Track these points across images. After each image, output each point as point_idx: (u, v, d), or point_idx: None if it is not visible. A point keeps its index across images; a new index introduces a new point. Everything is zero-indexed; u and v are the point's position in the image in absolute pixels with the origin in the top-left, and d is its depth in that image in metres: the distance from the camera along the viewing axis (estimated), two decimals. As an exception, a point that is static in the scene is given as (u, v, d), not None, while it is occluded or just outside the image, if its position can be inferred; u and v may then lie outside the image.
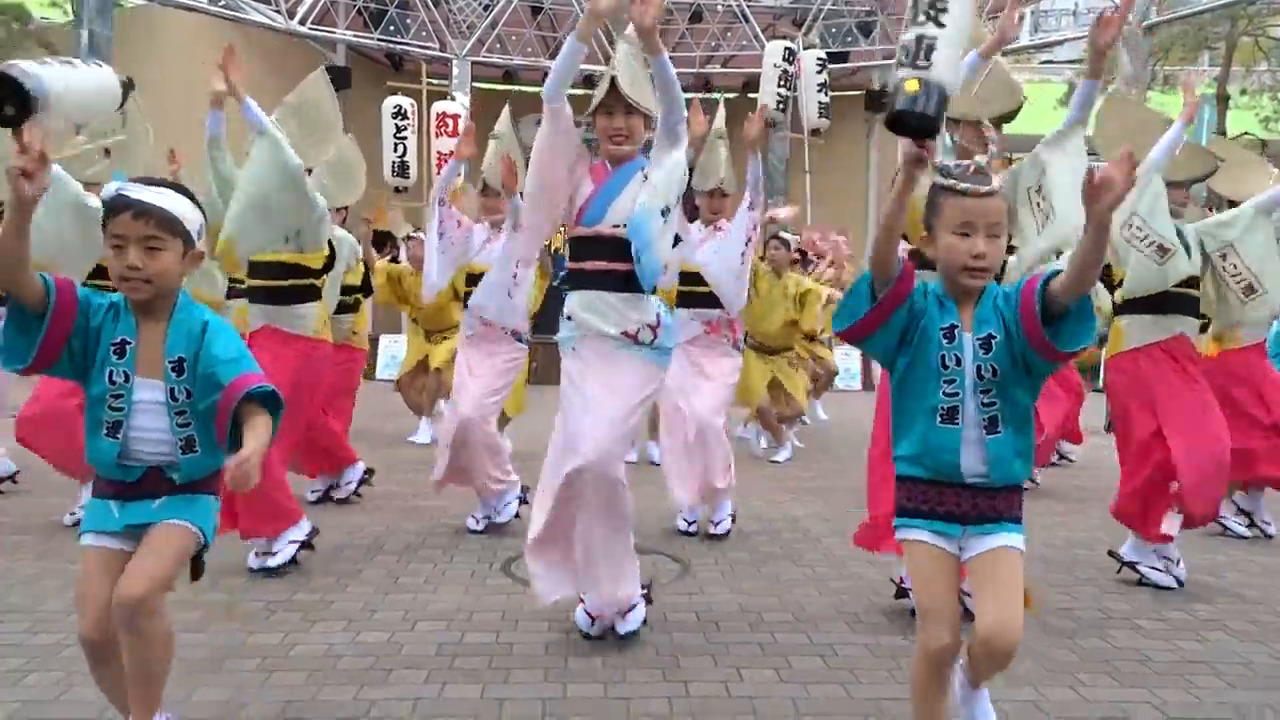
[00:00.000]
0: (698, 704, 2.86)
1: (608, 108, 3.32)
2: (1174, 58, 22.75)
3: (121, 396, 2.21)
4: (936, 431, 2.20)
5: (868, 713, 2.81)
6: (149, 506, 2.25)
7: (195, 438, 2.25)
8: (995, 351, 2.18)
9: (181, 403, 2.23)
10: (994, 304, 2.22)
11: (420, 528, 5.12)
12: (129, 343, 2.21)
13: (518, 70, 19.39)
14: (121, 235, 2.17)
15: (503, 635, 3.43)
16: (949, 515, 2.22)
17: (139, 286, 2.19)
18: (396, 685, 2.95)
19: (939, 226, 2.23)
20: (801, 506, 5.94)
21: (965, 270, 2.19)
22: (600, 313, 3.28)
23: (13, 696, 2.78)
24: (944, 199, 2.22)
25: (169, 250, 2.21)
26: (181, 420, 2.23)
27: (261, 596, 3.80)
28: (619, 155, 3.37)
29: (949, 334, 2.20)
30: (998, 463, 2.20)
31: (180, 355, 2.23)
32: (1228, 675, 3.20)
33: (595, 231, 3.32)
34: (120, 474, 2.24)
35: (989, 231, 2.18)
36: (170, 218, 2.20)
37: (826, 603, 3.91)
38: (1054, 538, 5.18)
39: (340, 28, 17.92)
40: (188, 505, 2.28)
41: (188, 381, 2.23)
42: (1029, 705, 2.88)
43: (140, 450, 2.23)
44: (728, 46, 19.74)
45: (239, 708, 2.75)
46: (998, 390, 2.19)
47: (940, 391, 2.20)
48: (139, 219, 2.17)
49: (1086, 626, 3.67)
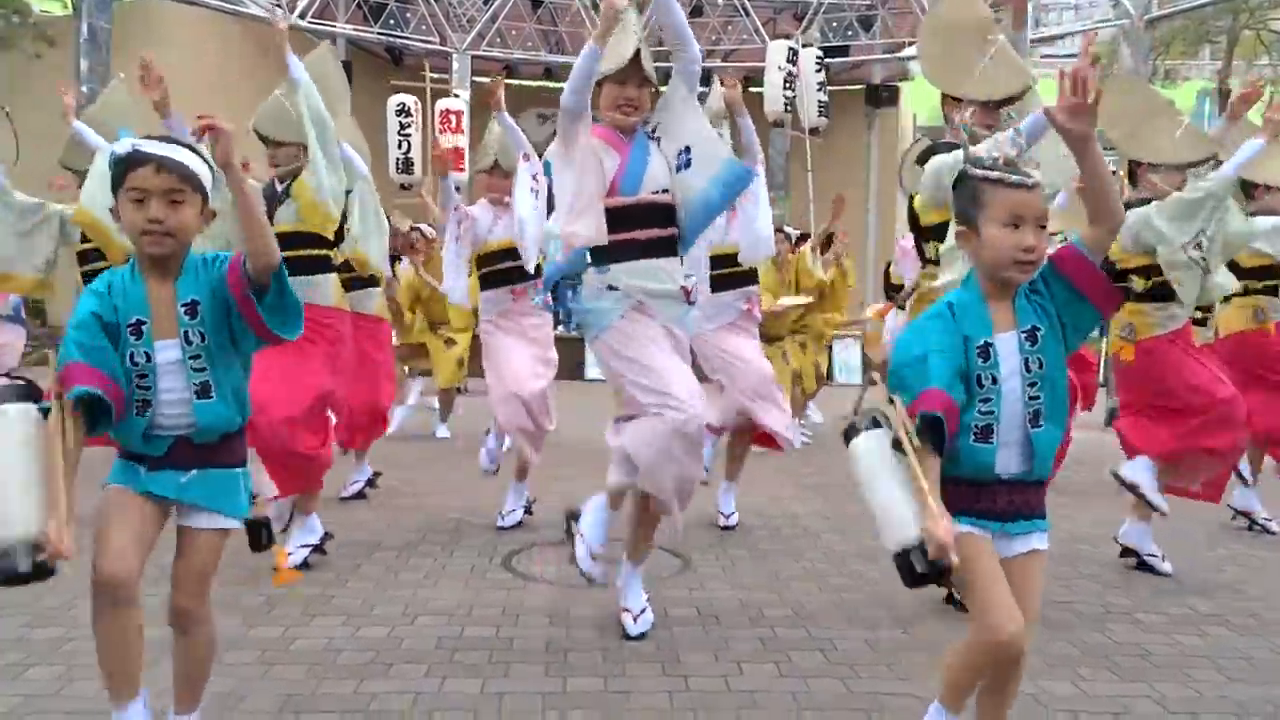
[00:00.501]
0: (698, 698, 2.86)
1: (623, 77, 3.29)
2: (1175, 52, 22.71)
3: (146, 376, 2.20)
4: (970, 449, 2.15)
5: (867, 707, 2.82)
6: (177, 480, 2.24)
7: (210, 383, 2.24)
8: (1041, 343, 2.15)
9: (196, 346, 2.23)
10: (1025, 295, 2.18)
11: (421, 523, 5.12)
12: (144, 322, 2.21)
13: (518, 64, 19.37)
14: (142, 189, 2.17)
15: (503, 630, 3.43)
16: (985, 512, 2.18)
17: (161, 240, 2.18)
18: (396, 679, 2.95)
19: (983, 219, 2.16)
20: (801, 503, 5.94)
21: (1015, 264, 2.13)
22: (654, 276, 3.29)
23: (13, 690, 2.79)
24: (988, 191, 2.15)
25: (189, 205, 2.21)
26: (196, 365, 2.23)
27: (262, 590, 3.80)
28: (627, 125, 3.35)
29: (984, 352, 2.14)
30: (1040, 459, 2.17)
31: (192, 298, 2.23)
32: (1228, 670, 3.20)
33: (636, 200, 3.30)
34: (147, 448, 2.23)
35: (1038, 223, 2.13)
36: (191, 172, 2.21)
37: (826, 598, 3.91)
38: (1055, 531, 5.08)
39: (340, 22, 17.89)
40: (215, 488, 2.28)
41: (201, 324, 2.23)
42: (1029, 699, 2.88)
43: (164, 418, 2.22)
44: (728, 41, 19.71)
45: (239, 700, 2.76)
46: (1043, 382, 2.15)
47: (975, 410, 2.14)
48: (161, 172, 2.17)
49: (1087, 621, 3.68)
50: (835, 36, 18.49)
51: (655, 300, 3.28)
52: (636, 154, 3.33)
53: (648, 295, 3.27)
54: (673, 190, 3.36)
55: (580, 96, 3.22)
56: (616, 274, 3.29)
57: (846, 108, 18.54)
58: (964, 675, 2.23)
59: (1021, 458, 2.17)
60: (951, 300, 2.21)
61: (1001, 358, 2.15)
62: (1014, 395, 2.15)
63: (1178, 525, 4.63)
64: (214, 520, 2.29)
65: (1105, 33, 16.49)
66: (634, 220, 3.30)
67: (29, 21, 14.73)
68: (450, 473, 6.70)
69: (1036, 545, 2.21)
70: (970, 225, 2.20)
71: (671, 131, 3.38)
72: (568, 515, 3.57)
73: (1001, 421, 2.15)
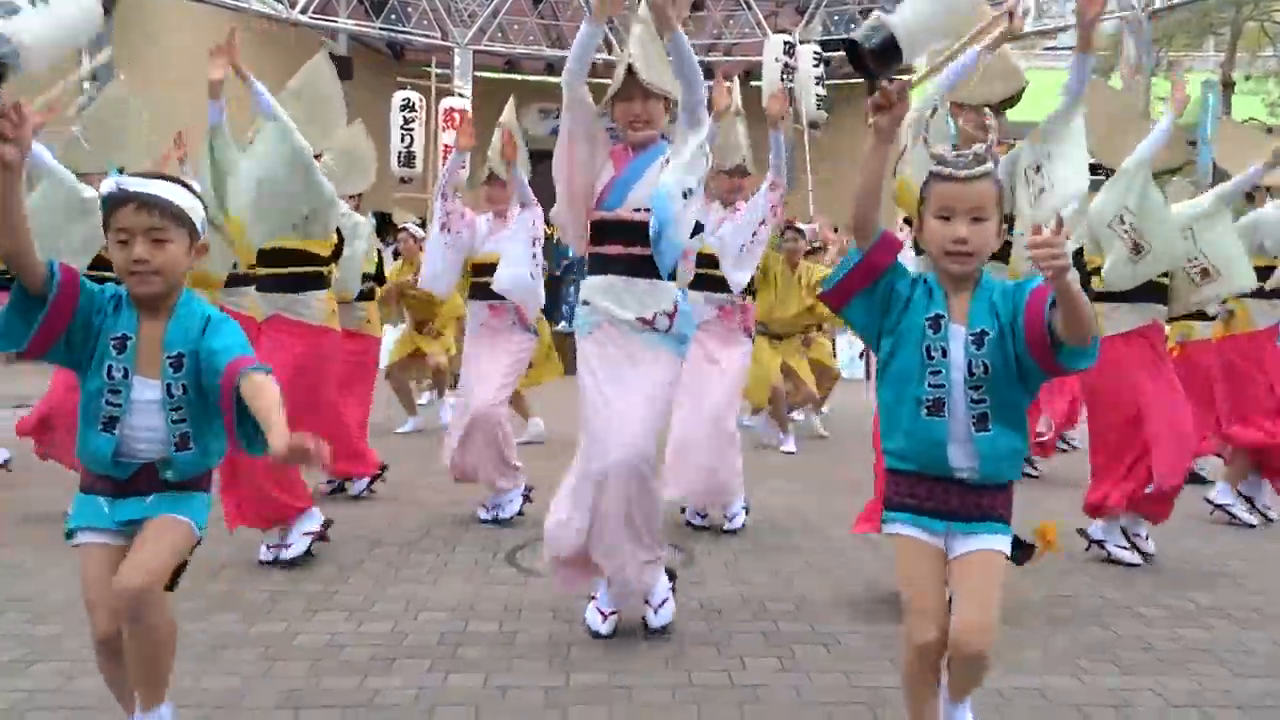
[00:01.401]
0: (700, 693, 2.86)
1: (626, 94, 3.27)
2: (1178, 44, 22.61)
3: (120, 393, 2.17)
4: (922, 424, 2.16)
5: (869, 701, 2.82)
6: (141, 503, 2.22)
7: (190, 434, 2.21)
8: (987, 348, 2.13)
9: (178, 399, 2.19)
10: (989, 300, 2.17)
11: (423, 518, 5.13)
12: (129, 338, 2.17)
13: (520, 59, 19.34)
14: (126, 228, 2.13)
15: (506, 625, 3.43)
16: (935, 511, 2.19)
17: (147, 279, 2.15)
18: (400, 674, 2.95)
19: (925, 210, 2.23)
20: (804, 497, 5.94)
21: (946, 255, 2.17)
22: (618, 298, 3.24)
23: (16, 686, 2.79)
24: (930, 184, 2.21)
25: (175, 242, 2.17)
26: (177, 416, 2.20)
27: (264, 586, 3.81)
28: (640, 141, 3.33)
29: (934, 324, 2.16)
30: (986, 459, 2.16)
31: (179, 351, 2.19)
32: (1230, 663, 3.19)
33: (616, 215, 3.28)
34: (114, 471, 2.21)
35: (971, 215, 2.15)
36: (175, 209, 2.17)
37: (829, 593, 3.91)
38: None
39: (341, 17, 17.88)
40: (181, 502, 2.25)
41: (185, 377, 2.19)
42: (1032, 693, 2.88)
43: (135, 448, 2.20)
44: (729, 35, 19.67)
45: (241, 696, 2.76)
46: (988, 387, 2.14)
47: (925, 383, 2.16)
48: (143, 211, 2.13)
49: (1088, 614, 3.67)
50: (838, 30, 18.44)
51: (616, 325, 3.24)
52: (633, 169, 3.30)
53: (608, 316, 3.25)
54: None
55: (574, 72, 3.19)
56: (590, 286, 3.31)
57: (848, 102, 18.48)
58: (907, 677, 2.28)
59: (970, 457, 2.16)
60: (924, 275, 2.26)
61: (951, 343, 2.16)
62: (959, 387, 2.15)
63: (1178, 519, 4.62)
64: (179, 515, 2.23)
65: (1108, 25, 16.45)
66: (609, 235, 3.29)
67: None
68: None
69: (989, 545, 2.18)
70: (921, 218, 2.27)
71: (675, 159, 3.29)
72: None
73: (951, 406, 2.15)
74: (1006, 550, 2.21)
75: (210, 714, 2.64)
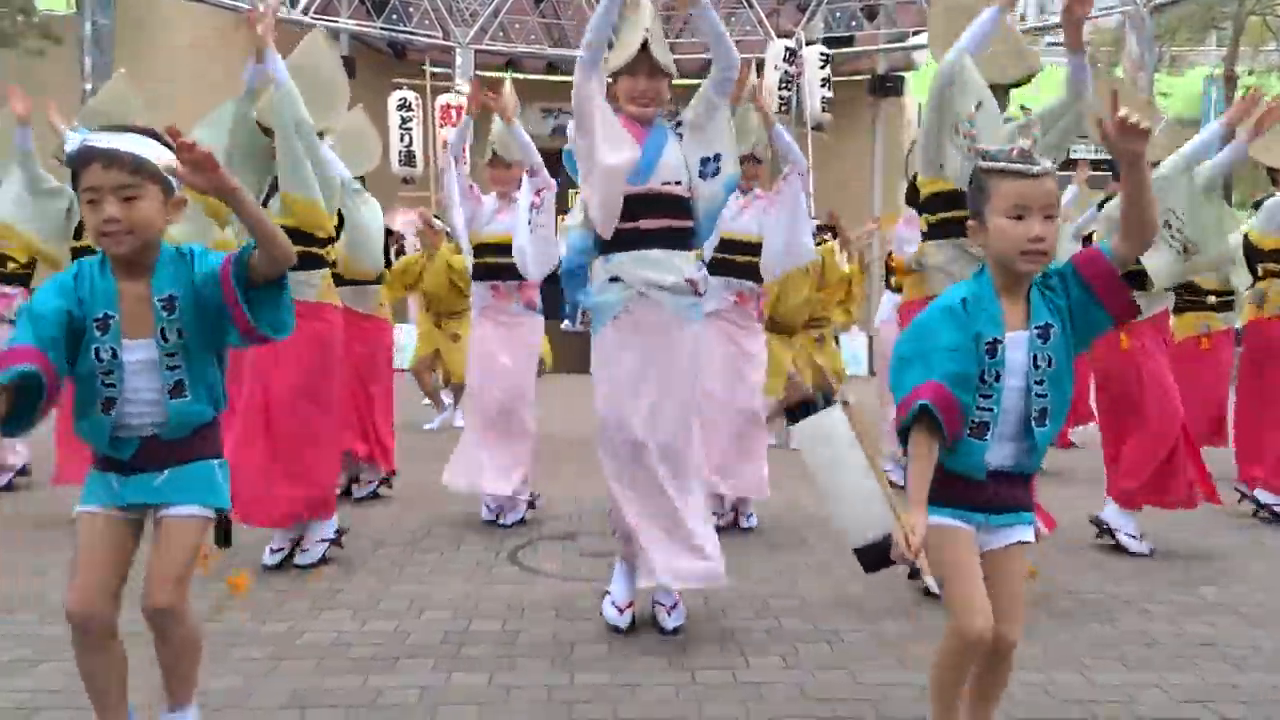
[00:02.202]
0: (704, 691, 2.86)
1: (634, 69, 3.25)
2: (1181, 39, 22.60)
3: (112, 372, 2.09)
4: (965, 444, 2.13)
5: (873, 698, 2.81)
6: (151, 483, 2.16)
7: (184, 381, 2.14)
8: (1052, 340, 2.12)
9: (172, 343, 2.12)
10: (1040, 292, 2.15)
11: (427, 517, 5.13)
12: (111, 316, 2.09)
13: (520, 58, 19.34)
14: (95, 187, 2.03)
15: (509, 623, 3.44)
16: (969, 504, 2.16)
17: (120, 239, 2.05)
18: (404, 673, 2.96)
19: (988, 211, 2.14)
20: (808, 494, 5.93)
21: (1023, 255, 2.10)
22: (658, 268, 3.24)
23: (22, 686, 2.80)
24: (993, 182, 2.14)
25: (147, 198, 2.06)
26: (171, 363, 2.12)
27: (270, 585, 3.81)
28: (644, 117, 3.31)
29: (991, 349, 2.11)
30: (1037, 455, 2.17)
31: (170, 293, 2.11)
32: (1235, 658, 3.19)
33: (647, 189, 3.26)
34: (115, 451, 2.14)
35: (1044, 213, 2.10)
36: (143, 162, 2.05)
37: (832, 590, 3.91)
38: (1061, 521, 5.15)
39: (343, 16, 17.89)
40: (193, 481, 2.19)
41: (179, 319, 2.11)
42: (1035, 689, 2.88)
43: (132, 416, 2.13)
44: (732, 33, 19.66)
45: (247, 695, 2.77)
46: (1050, 380, 2.13)
47: (975, 406, 2.12)
48: (110, 168, 2.02)
49: (1093, 610, 3.67)
50: (839, 27, 18.42)
51: (659, 292, 3.24)
52: (652, 143, 3.29)
53: (649, 286, 3.24)
54: (693, 191, 3.35)
55: (594, 49, 3.15)
56: (620, 262, 3.26)
57: (850, 99, 18.47)
58: (946, 675, 2.21)
59: (1017, 453, 2.16)
60: (965, 295, 2.17)
61: (1009, 355, 2.12)
62: (1017, 393, 2.13)
63: (1183, 514, 4.61)
64: (191, 509, 2.18)
65: (1110, 20, 16.41)
66: (641, 209, 3.27)
67: (33, 20, 14.76)
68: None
69: (1021, 537, 2.19)
70: (979, 218, 2.18)
71: (700, 134, 3.33)
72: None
73: (999, 418, 2.13)
74: (1033, 539, 2.22)
75: (216, 712, 2.64)
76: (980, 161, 2.19)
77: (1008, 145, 2.23)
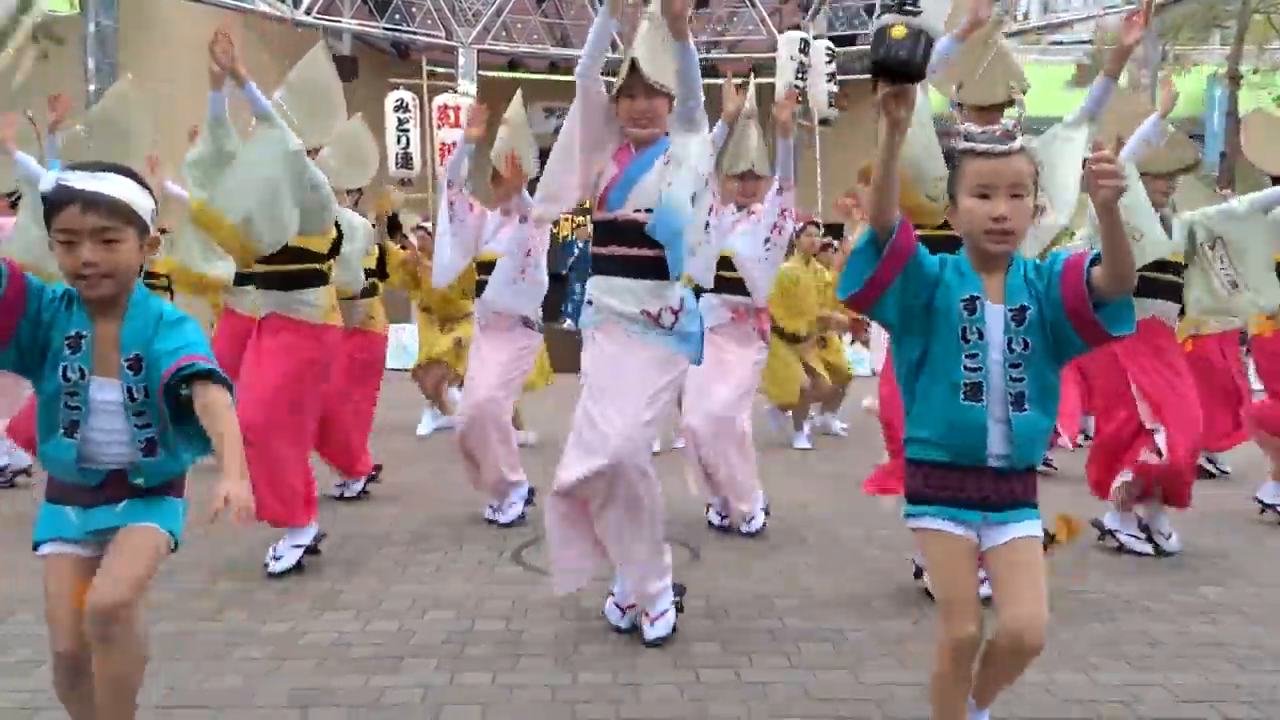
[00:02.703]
0: (707, 690, 2.86)
1: (629, 90, 3.25)
2: (1184, 37, 22.54)
3: (77, 394, 2.04)
4: (960, 409, 2.10)
5: (877, 698, 2.81)
6: (111, 511, 2.10)
7: (156, 440, 2.09)
8: (1028, 324, 2.10)
9: (140, 402, 2.06)
10: (1024, 276, 2.14)
11: (429, 516, 5.13)
12: (84, 336, 2.04)
13: (523, 58, 19.34)
14: (71, 230, 1.98)
15: (512, 623, 3.43)
16: (968, 501, 2.13)
17: (97, 283, 2.01)
18: (407, 673, 2.96)
19: (959, 189, 2.14)
20: (811, 493, 5.93)
21: (986, 234, 2.10)
22: (621, 296, 3.24)
23: (23, 686, 2.80)
24: (963, 162, 2.14)
25: (126, 241, 2.03)
26: (141, 421, 2.07)
27: (272, 586, 3.81)
28: (642, 138, 3.30)
29: (970, 305, 2.10)
30: (1022, 443, 2.11)
31: (136, 352, 2.06)
32: (1239, 658, 3.18)
33: (619, 216, 3.26)
34: (80, 478, 2.09)
35: (1010, 192, 2.08)
36: (123, 206, 2.02)
37: (835, 590, 3.90)
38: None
39: (345, 17, 17.89)
40: (153, 508, 2.13)
41: (144, 379, 2.06)
42: (1038, 689, 2.87)
43: (100, 453, 2.08)
44: (734, 32, 19.64)
45: (249, 696, 2.77)
46: (1027, 365, 2.10)
47: (962, 366, 2.10)
48: (90, 211, 1.98)
49: (1097, 610, 3.66)
50: (842, 25, 18.41)
51: (621, 320, 3.24)
52: (634, 168, 3.27)
53: (612, 312, 3.25)
54: None
55: (587, 64, 3.18)
56: (593, 286, 3.31)
57: (854, 97, 18.43)
58: (941, 681, 2.21)
59: (1004, 439, 2.12)
60: (948, 257, 2.18)
61: (988, 321, 2.11)
62: (999, 366, 2.11)
63: (1189, 513, 4.60)
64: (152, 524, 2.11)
65: (1112, 19, 16.38)
66: (614, 235, 3.28)
67: (36, 21, 14.77)
68: (457, 466, 6.69)
69: (1027, 531, 2.15)
70: (952, 198, 2.19)
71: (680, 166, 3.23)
72: None
73: (989, 390, 2.11)
74: (1040, 534, 2.18)
75: (218, 713, 2.65)
76: (958, 143, 2.18)
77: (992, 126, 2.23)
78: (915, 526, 2.22)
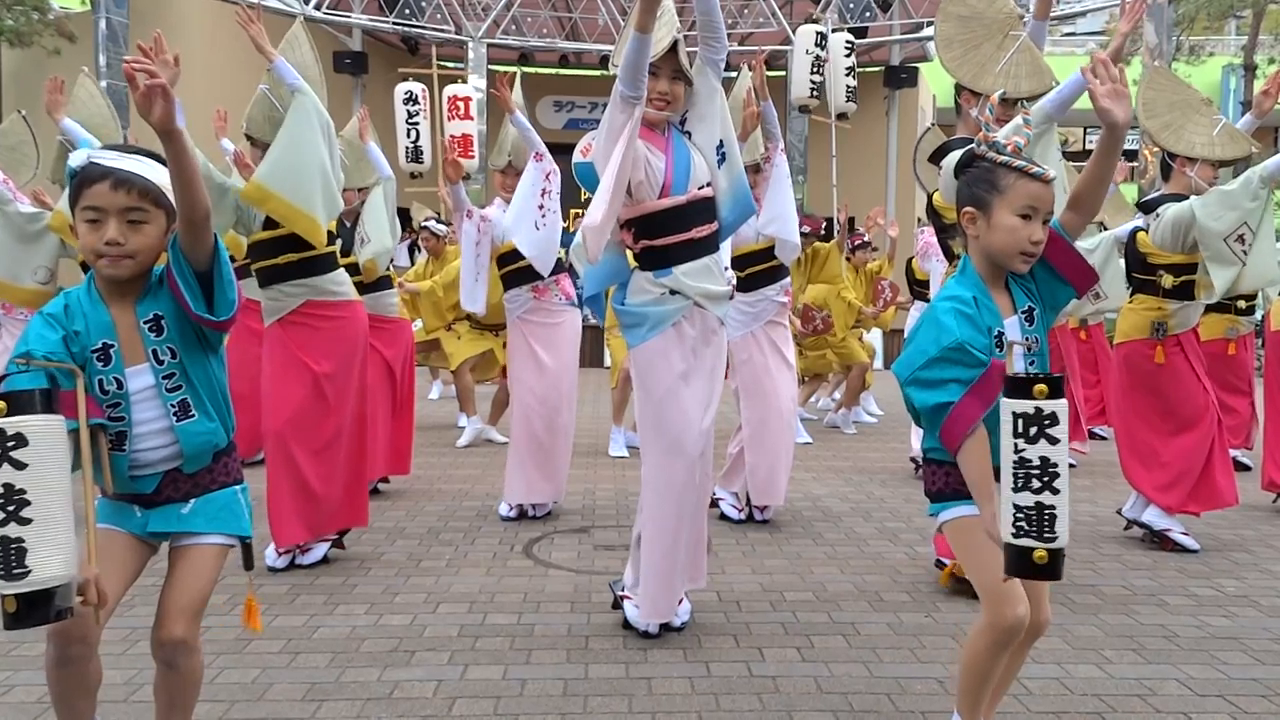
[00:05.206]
0: (719, 683, 2.86)
1: (655, 70, 3.17)
2: (1199, 27, 22.38)
3: (119, 405, 2.00)
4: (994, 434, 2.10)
5: (890, 691, 2.80)
6: (177, 513, 2.08)
7: (189, 401, 2.05)
8: (1036, 322, 2.21)
9: (167, 364, 2.03)
10: (1012, 278, 2.21)
11: (441, 510, 5.14)
12: (111, 345, 2.00)
13: (533, 52, 19.32)
14: (98, 207, 1.94)
15: (524, 617, 3.44)
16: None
17: (119, 262, 1.97)
18: (419, 666, 2.96)
19: (999, 204, 2.13)
20: (823, 485, 5.92)
21: (1021, 254, 2.13)
22: (711, 276, 3.25)
23: (41, 680, 2.81)
24: (1009, 179, 2.13)
25: (152, 223, 1.99)
26: (170, 384, 2.03)
27: (285, 580, 3.83)
28: (659, 120, 3.25)
29: (999, 341, 2.12)
30: None
31: (154, 313, 2.02)
32: (1255, 651, 3.16)
33: (689, 198, 3.22)
34: (135, 487, 2.05)
35: (1045, 217, 2.15)
36: (153, 188, 1.98)
37: (848, 582, 3.89)
38: (1078, 513, 5.13)
39: (356, 12, 17.90)
40: (219, 510, 2.12)
41: (168, 339, 2.02)
42: (1054, 682, 2.86)
43: (146, 451, 2.03)
44: (745, 25, 19.58)
45: (264, 689, 2.78)
46: (1039, 360, 2.21)
47: None
48: (119, 189, 1.94)
49: (1111, 602, 3.65)
50: (853, 18, 18.32)
51: (710, 301, 3.24)
52: (679, 152, 3.25)
53: (705, 297, 3.22)
54: (715, 185, 3.31)
55: (636, 88, 3.05)
56: (678, 277, 3.20)
57: (865, 89, 18.34)
58: (983, 664, 2.19)
59: None
60: (974, 292, 2.15)
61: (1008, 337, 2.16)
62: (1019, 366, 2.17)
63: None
64: (215, 539, 2.11)
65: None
66: (687, 219, 3.23)
67: (48, 17, 14.83)
68: (470, 460, 6.72)
69: None
70: (981, 208, 2.17)
71: (704, 123, 3.29)
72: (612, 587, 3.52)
73: None
74: None
75: (233, 706, 2.66)
76: (989, 153, 2.17)
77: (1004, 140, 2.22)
78: (946, 519, 2.23)
